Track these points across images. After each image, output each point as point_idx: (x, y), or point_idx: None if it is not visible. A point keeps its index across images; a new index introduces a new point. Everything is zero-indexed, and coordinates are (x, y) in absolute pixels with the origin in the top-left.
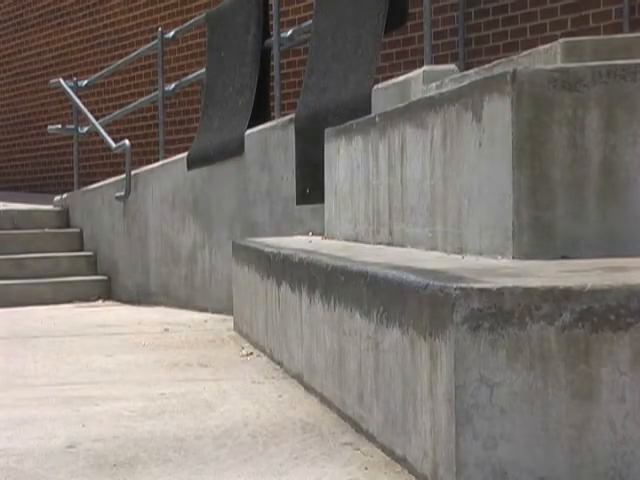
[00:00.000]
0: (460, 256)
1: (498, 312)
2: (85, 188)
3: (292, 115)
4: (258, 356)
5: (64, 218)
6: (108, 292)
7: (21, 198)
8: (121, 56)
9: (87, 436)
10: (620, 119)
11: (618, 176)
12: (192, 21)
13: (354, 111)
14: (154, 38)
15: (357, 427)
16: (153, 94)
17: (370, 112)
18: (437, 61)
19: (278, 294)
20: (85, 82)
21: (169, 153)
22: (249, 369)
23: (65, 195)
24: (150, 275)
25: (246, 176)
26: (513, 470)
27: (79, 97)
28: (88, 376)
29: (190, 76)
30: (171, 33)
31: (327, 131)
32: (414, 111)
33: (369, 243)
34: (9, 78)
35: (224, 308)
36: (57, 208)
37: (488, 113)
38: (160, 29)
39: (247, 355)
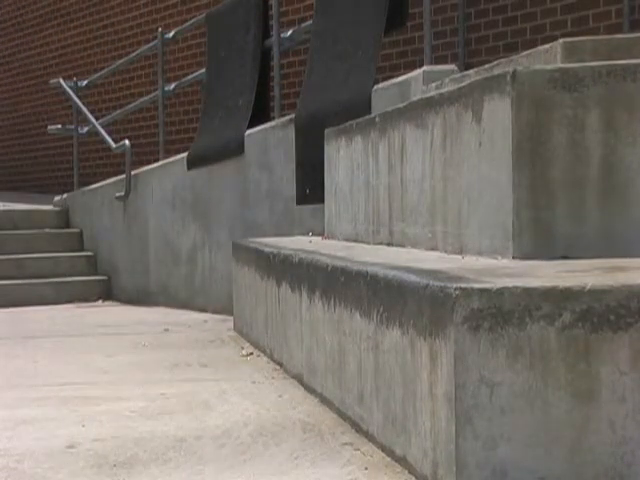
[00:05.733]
0: (460, 256)
1: (498, 312)
2: (85, 188)
3: (292, 115)
4: (258, 356)
5: (64, 218)
6: (108, 292)
7: (21, 198)
8: (121, 56)
9: (87, 436)
10: (620, 119)
11: (618, 176)
12: (192, 21)
13: (354, 111)
14: (154, 38)
15: (357, 427)
16: (153, 94)
17: (370, 112)
18: (437, 61)
19: (278, 294)
20: (85, 82)
21: (169, 153)
22: (249, 369)
23: (65, 195)
24: (150, 275)
25: (246, 176)
26: (513, 470)
27: (79, 97)
28: (88, 376)
29: (190, 76)
30: (171, 33)
31: (327, 131)
32: (414, 111)
33: (369, 243)
34: (9, 78)
35: (224, 308)
36: (57, 208)
37: (488, 113)
38: (160, 29)
39: (247, 355)
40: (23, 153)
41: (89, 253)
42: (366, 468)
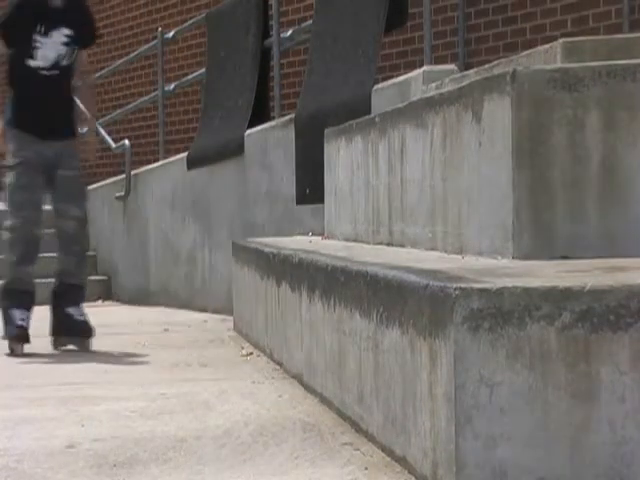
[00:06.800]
0: (460, 256)
1: (498, 312)
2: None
3: (292, 115)
4: (258, 356)
5: None
6: (108, 292)
7: None
8: (121, 56)
9: (87, 436)
10: (620, 119)
11: (618, 176)
12: (192, 21)
13: (354, 111)
14: (154, 38)
15: (357, 427)
16: (153, 94)
17: (370, 112)
18: (437, 61)
19: (278, 294)
20: None
21: (169, 153)
22: (249, 369)
23: None
24: (150, 275)
25: (246, 176)
26: (513, 470)
27: None
28: (88, 376)
29: (190, 76)
30: (171, 33)
31: (327, 131)
32: (414, 111)
33: (369, 243)
34: None
35: (224, 308)
36: None
37: (488, 113)
38: (160, 29)
39: (247, 355)
40: None
41: (89, 253)
42: (366, 468)
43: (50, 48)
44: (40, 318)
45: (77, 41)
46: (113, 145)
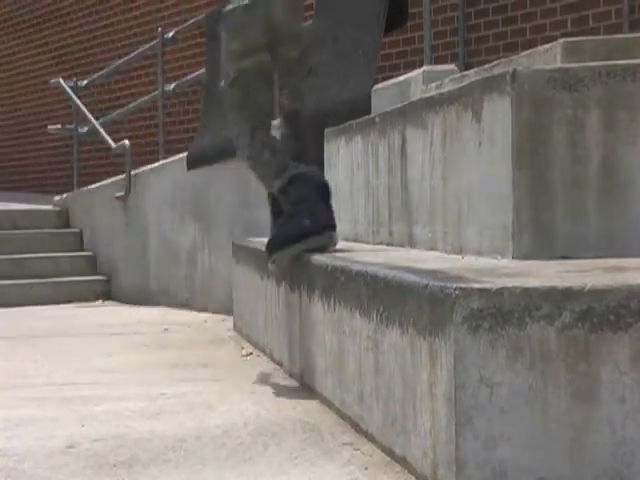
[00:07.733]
0: (460, 256)
1: (498, 312)
2: (85, 188)
3: None
4: (258, 356)
5: (64, 218)
6: (108, 292)
7: (21, 198)
8: (121, 56)
9: (87, 436)
10: (620, 119)
11: (618, 176)
12: (192, 21)
13: (354, 111)
14: (154, 38)
15: (357, 427)
16: (153, 94)
17: (370, 112)
18: (437, 61)
19: (278, 294)
20: (85, 82)
21: (169, 153)
22: (249, 369)
23: (65, 195)
24: (150, 275)
25: (246, 176)
26: (513, 470)
27: (79, 97)
28: (88, 376)
29: (190, 76)
30: (171, 33)
31: (327, 131)
32: (414, 111)
33: (369, 243)
34: (9, 78)
35: (224, 308)
36: (57, 208)
37: (488, 113)
38: (160, 29)
39: (247, 355)
40: (23, 153)
41: (89, 253)
42: (366, 468)
43: None
44: (38, 317)
45: None
46: (113, 145)
